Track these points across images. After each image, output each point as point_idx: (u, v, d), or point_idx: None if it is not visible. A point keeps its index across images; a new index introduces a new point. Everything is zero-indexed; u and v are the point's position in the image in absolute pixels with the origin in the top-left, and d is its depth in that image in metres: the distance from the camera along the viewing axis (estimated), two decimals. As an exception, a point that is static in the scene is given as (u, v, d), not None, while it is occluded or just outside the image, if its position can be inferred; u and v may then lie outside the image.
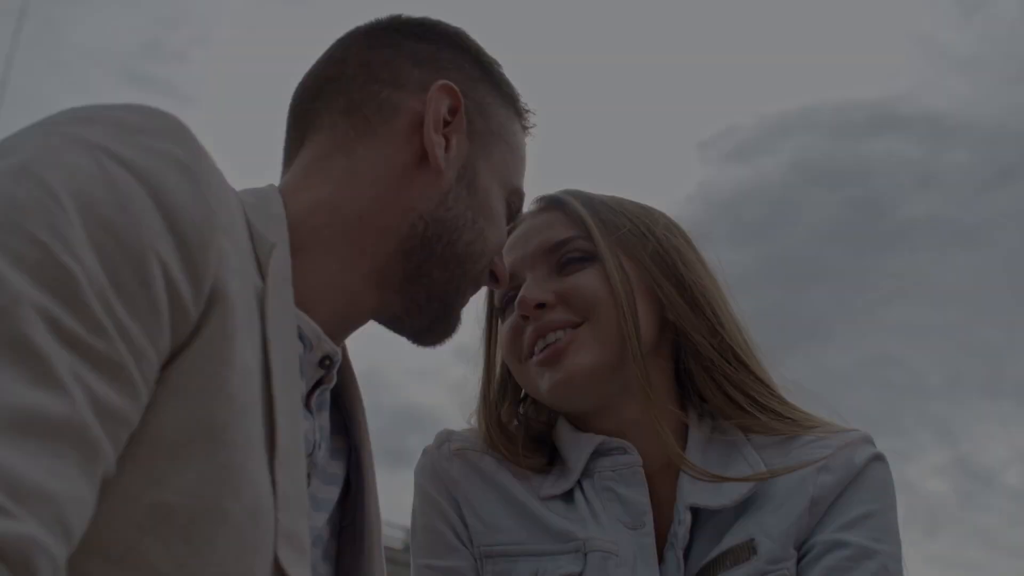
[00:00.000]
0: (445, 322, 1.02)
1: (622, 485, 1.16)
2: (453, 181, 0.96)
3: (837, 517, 1.08)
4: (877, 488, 1.11)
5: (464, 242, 0.97)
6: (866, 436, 1.16)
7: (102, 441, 0.55)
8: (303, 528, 0.72)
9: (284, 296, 0.79)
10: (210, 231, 0.66)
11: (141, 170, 0.63)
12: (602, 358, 1.14)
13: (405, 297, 0.96)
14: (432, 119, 0.95)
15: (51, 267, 0.55)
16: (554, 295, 1.17)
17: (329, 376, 0.91)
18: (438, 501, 1.22)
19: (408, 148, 0.95)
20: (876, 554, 1.04)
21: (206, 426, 0.63)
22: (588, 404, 1.20)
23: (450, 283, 0.98)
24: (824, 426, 1.18)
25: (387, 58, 1.00)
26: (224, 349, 0.66)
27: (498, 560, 1.16)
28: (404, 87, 0.98)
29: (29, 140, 0.64)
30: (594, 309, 1.16)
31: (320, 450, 0.91)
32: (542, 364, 1.17)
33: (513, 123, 1.07)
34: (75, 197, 0.59)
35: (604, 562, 1.09)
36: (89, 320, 0.56)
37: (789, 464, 1.12)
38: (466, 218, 0.97)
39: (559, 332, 1.16)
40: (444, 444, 1.27)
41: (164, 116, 0.70)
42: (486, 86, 1.05)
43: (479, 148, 1.00)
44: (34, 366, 0.52)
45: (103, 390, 0.56)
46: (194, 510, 0.61)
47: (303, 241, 0.88)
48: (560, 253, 1.20)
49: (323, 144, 0.96)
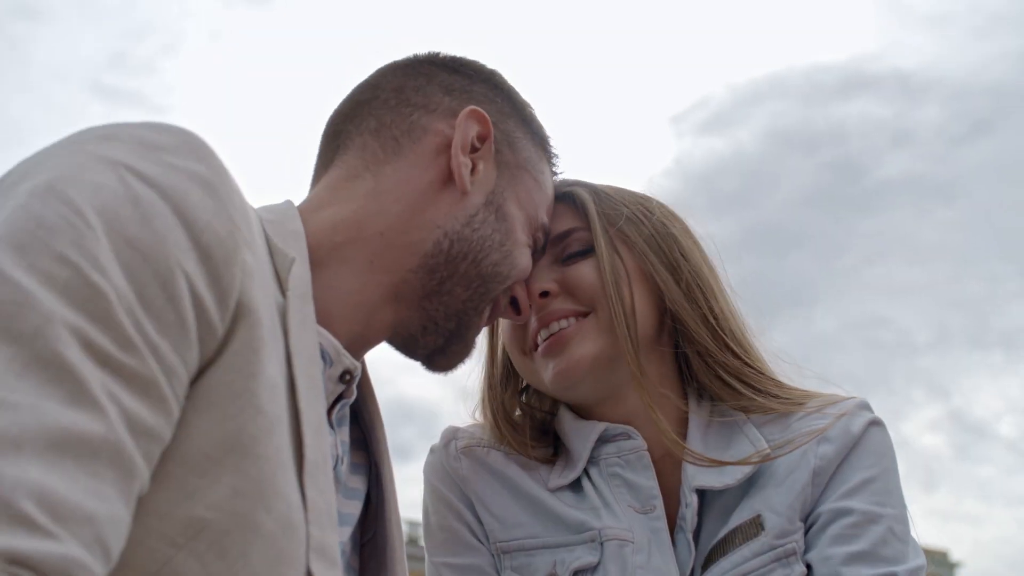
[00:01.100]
0: (460, 343, 1.02)
1: (629, 470, 1.17)
2: (481, 205, 0.98)
3: (840, 485, 1.09)
4: (876, 453, 1.12)
5: (490, 262, 0.98)
6: (862, 403, 1.18)
7: (137, 459, 0.56)
8: (333, 541, 0.72)
9: (305, 311, 0.79)
10: (234, 246, 0.66)
11: (164, 187, 0.64)
12: (605, 349, 1.15)
13: (423, 314, 0.97)
14: (460, 141, 0.97)
15: (81, 286, 0.55)
16: (557, 284, 1.18)
17: (349, 391, 0.92)
18: (451, 500, 1.23)
19: (434, 168, 0.97)
20: (881, 518, 1.06)
21: (237, 440, 0.63)
22: (591, 394, 1.20)
23: (470, 301, 0.99)
24: (820, 398, 1.20)
25: (419, 85, 1.02)
26: (252, 362, 0.66)
27: (516, 555, 1.17)
28: (434, 112, 0.99)
29: (53, 159, 0.64)
30: (597, 300, 1.16)
31: (343, 465, 0.92)
32: (546, 353, 1.17)
33: (542, 161, 1.10)
34: (101, 215, 0.59)
35: (620, 550, 1.10)
36: (120, 338, 0.56)
37: (789, 438, 1.13)
38: (493, 240, 0.98)
39: (563, 321, 1.17)
40: (451, 442, 1.27)
41: (185, 133, 0.71)
42: (516, 121, 1.07)
43: (507, 178, 1.02)
44: (69, 386, 0.52)
45: (136, 407, 0.56)
46: (227, 524, 0.61)
47: (323, 258, 0.89)
48: (562, 244, 1.21)
49: (352, 164, 0.97)
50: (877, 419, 1.16)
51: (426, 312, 0.97)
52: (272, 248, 0.80)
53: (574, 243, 1.21)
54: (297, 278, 0.80)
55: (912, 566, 1.03)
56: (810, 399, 1.19)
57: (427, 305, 0.97)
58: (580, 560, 1.12)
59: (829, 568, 1.04)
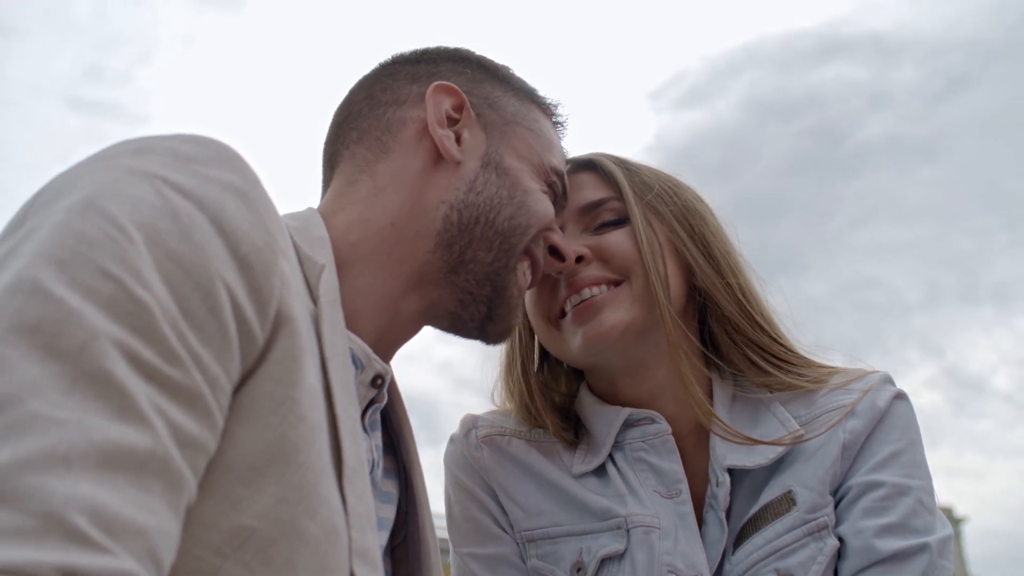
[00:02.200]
0: (503, 305, 1.01)
1: (654, 455, 1.17)
2: (478, 169, 0.99)
3: (868, 459, 1.10)
4: (902, 426, 1.13)
5: (505, 217, 0.98)
6: (885, 376, 1.18)
7: (185, 472, 0.56)
8: (374, 544, 0.73)
9: (336, 318, 0.80)
10: (272, 256, 0.67)
11: (201, 198, 0.64)
12: (638, 318, 1.15)
13: (455, 288, 0.97)
14: (434, 117, 0.98)
15: (125, 300, 0.56)
16: (590, 251, 1.18)
17: (380, 395, 0.92)
18: (474, 490, 1.22)
19: (422, 151, 0.98)
20: (910, 489, 1.07)
21: (280, 448, 0.64)
22: (616, 362, 1.20)
23: (498, 260, 0.98)
24: (843, 372, 1.20)
25: (386, 84, 1.04)
26: (293, 371, 0.66)
27: (541, 543, 1.17)
28: (405, 102, 1.01)
29: (88, 174, 0.64)
30: (632, 269, 1.16)
31: (378, 469, 0.92)
32: (576, 318, 1.17)
33: (531, 111, 1.09)
34: (141, 229, 0.59)
35: (647, 536, 1.10)
36: (165, 351, 0.56)
37: (816, 415, 1.14)
38: (501, 196, 0.99)
39: (595, 288, 1.16)
40: (471, 431, 1.27)
41: (217, 144, 0.71)
42: (492, 83, 1.07)
43: (497, 136, 1.03)
44: (117, 400, 0.52)
45: (182, 420, 0.56)
46: (273, 532, 0.62)
47: (344, 259, 0.90)
48: (594, 213, 1.21)
49: (348, 172, 0.99)
50: (901, 392, 1.17)
51: (457, 286, 0.98)
52: (301, 255, 0.81)
53: (606, 212, 1.21)
54: (327, 284, 0.80)
55: (942, 536, 1.05)
56: (833, 375, 1.20)
57: (455, 279, 0.97)
58: (607, 548, 1.12)
59: (862, 540, 1.05)
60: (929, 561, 1.02)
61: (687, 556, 1.09)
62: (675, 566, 1.08)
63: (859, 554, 1.05)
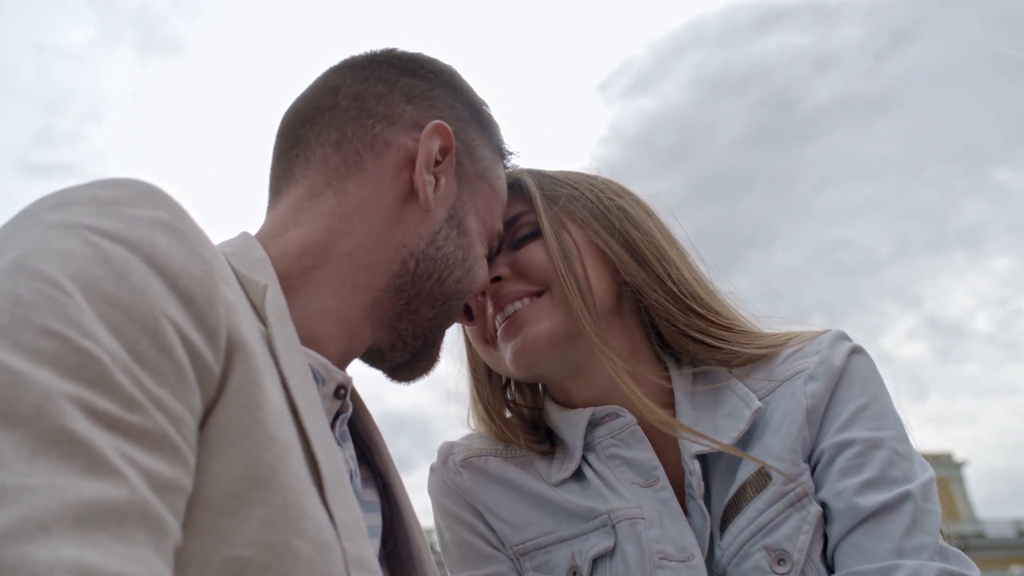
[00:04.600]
0: (426, 358, 1.03)
1: (624, 448, 1.17)
2: (443, 221, 0.98)
3: (835, 419, 1.10)
4: (862, 380, 1.12)
5: (454, 279, 0.98)
6: (839, 334, 1.18)
7: (165, 515, 0.55)
8: (369, 552, 0.72)
9: (288, 335, 0.79)
10: (212, 284, 0.66)
11: (131, 240, 0.63)
12: (561, 324, 1.16)
13: (393, 333, 0.98)
14: (425, 158, 0.96)
15: (72, 355, 0.54)
16: (509, 268, 1.19)
17: (345, 406, 0.92)
18: (461, 515, 1.23)
19: (398, 184, 0.96)
20: (882, 441, 1.06)
21: (257, 473, 0.63)
22: (552, 371, 1.21)
23: (436, 319, 0.99)
24: (797, 336, 1.20)
25: (381, 93, 1.00)
26: (254, 394, 0.66)
27: (534, 555, 1.17)
28: (397, 123, 0.98)
29: (12, 237, 0.63)
30: (549, 277, 1.17)
31: (356, 479, 0.92)
32: (504, 335, 1.18)
33: (497, 167, 1.10)
34: (76, 280, 0.58)
35: (633, 528, 1.10)
36: (123, 398, 0.55)
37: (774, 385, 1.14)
38: (456, 257, 0.99)
39: (517, 303, 1.18)
40: (448, 457, 1.28)
41: (138, 183, 0.70)
42: (475, 127, 1.06)
43: (467, 190, 1.02)
44: (83, 457, 0.51)
45: (152, 464, 0.55)
46: (266, 557, 0.61)
47: (295, 283, 0.89)
48: (512, 230, 1.22)
49: (314, 181, 0.96)
50: (857, 346, 1.16)
51: (396, 332, 0.98)
52: (241, 278, 0.80)
53: (523, 227, 1.22)
54: (273, 303, 0.80)
55: (923, 480, 1.04)
56: (787, 338, 1.20)
57: (397, 325, 0.97)
58: (596, 547, 1.12)
59: (843, 501, 1.04)
60: (915, 508, 1.02)
61: (676, 540, 1.09)
62: (666, 551, 1.08)
63: (844, 515, 1.04)
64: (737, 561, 1.07)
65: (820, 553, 1.06)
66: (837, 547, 1.04)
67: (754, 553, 1.06)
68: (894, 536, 1.00)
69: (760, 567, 1.05)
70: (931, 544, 0.99)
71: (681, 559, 1.07)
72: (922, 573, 0.96)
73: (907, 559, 0.98)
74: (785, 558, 1.04)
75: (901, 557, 0.98)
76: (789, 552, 1.04)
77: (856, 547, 1.02)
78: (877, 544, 1.00)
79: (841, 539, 1.04)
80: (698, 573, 1.06)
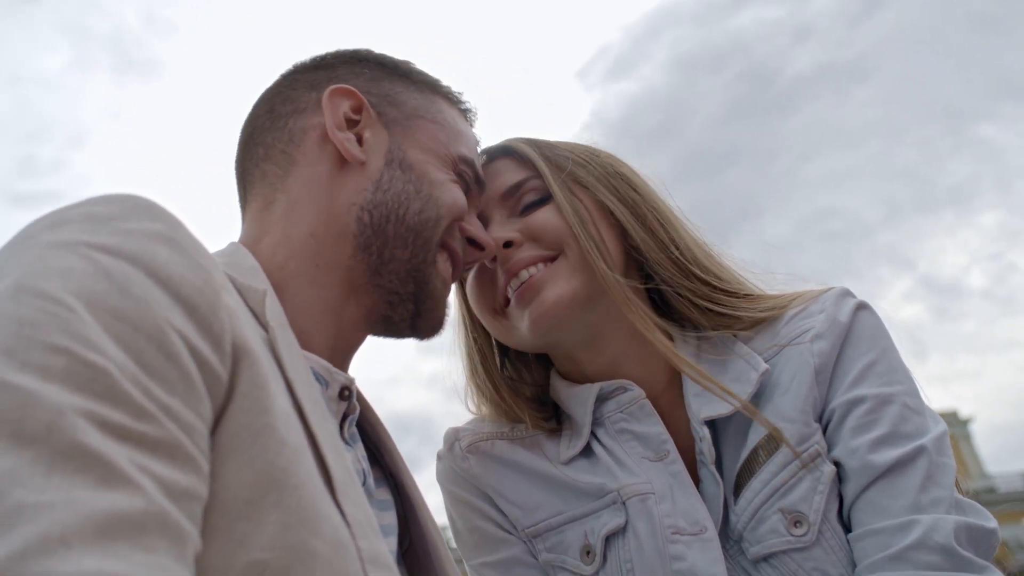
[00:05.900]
0: (429, 299, 1.02)
1: (634, 422, 1.17)
2: (382, 167, 1.00)
3: (844, 377, 1.09)
4: (870, 336, 1.11)
5: (414, 211, 0.99)
6: (843, 291, 1.17)
7: (183, 523, 0.55)
8: (383, 549, 0.72)
9: (289, 339, 0.80)
10: (213, 292, 0.67)
11: (130, 253, 0.63)
12: (581, 287, 1.14)
13: (381, 291, 0.98)
14: (332, 121, 0.99)
15: (80, 369, 0.55)
16: (519, 233, 1.17)
17: (351, 407, 0.92)
18: (471, 500, 1.22)
19: (325, 157, 0.99)
20: (893, 396, 1.06)
21: (270, 476, 0.63)
22: (571, 337, 1.19)
23: (416, 256, 0.99)
24: (801, 296, 1.20)
25: (285, 94, 1.04)
26: (262, 399, 0.66)
27: (546, 536, 1.16)
28: (304, 110, 1.02)
29: (10, 259, 0.63)
30: (564, 241, 1.16)
31: (369, 479, 0.92)
32: (519, 301, 1.16)
33: (434, 103, 1.09)
34: (79, 296, 0.58)
35: (644, 503, 1.10)
36: (133, 409, 0.56)
37: (781, 344, 1.13)
38: (408, 191, 0.99)
39: (532, 268, 1.16)
40: (455, 444, 1.27)
41: (132, 198, 0.70)
42: (391, 80, 1.07)
43: (399, 132, 1.03)
44: (98, 470, 0.51)
45: (168, 473, 0.56)
46: (286, 559, 0.61)
47: (277, 282, 0.91)
48: (516, 197, 1.21)
49: (264, 193, 1.00)
50: (862, 302, 1.15)
51: (383, 288, 0.98)
52: (239, 286, 0.81)
53: (528, 193, 1.21)
54: (272, 309, 0.81)
55: (936, 434, 1.04)
56: (790, 299, 1.20)
57: (380, 281, 0.98)
58: (608, 525, 1.11)
59: (857, 459, 1.03)
60: (929, 462, 1.01)
61: (688, 514, 1.08)
62: (678, 526, 1.08)
63: (858, 473, 1.03)
64: (753, 525, 1.06)
65: (836, 513, 1.05)
66: (853, 505, 1.04)
67: (770, 516, 1.05)
68: (909, 492, 0.99)
69: (776, 530, 1.04)
70: (947, 497, 0.99)
71: (694, 532, 1.07)
72: (939, 527, 0.96)
73: (924, 514, 0.97)
74: (801, 520, 1.04)
75: (918, 512, 0.98)
76: (805, 513, 1.04)
77: (872, 504, 1.01)
78: (893, 500, 1.00)
79: (856, 497, 1.03)
80: (711, 546, 1.06)
